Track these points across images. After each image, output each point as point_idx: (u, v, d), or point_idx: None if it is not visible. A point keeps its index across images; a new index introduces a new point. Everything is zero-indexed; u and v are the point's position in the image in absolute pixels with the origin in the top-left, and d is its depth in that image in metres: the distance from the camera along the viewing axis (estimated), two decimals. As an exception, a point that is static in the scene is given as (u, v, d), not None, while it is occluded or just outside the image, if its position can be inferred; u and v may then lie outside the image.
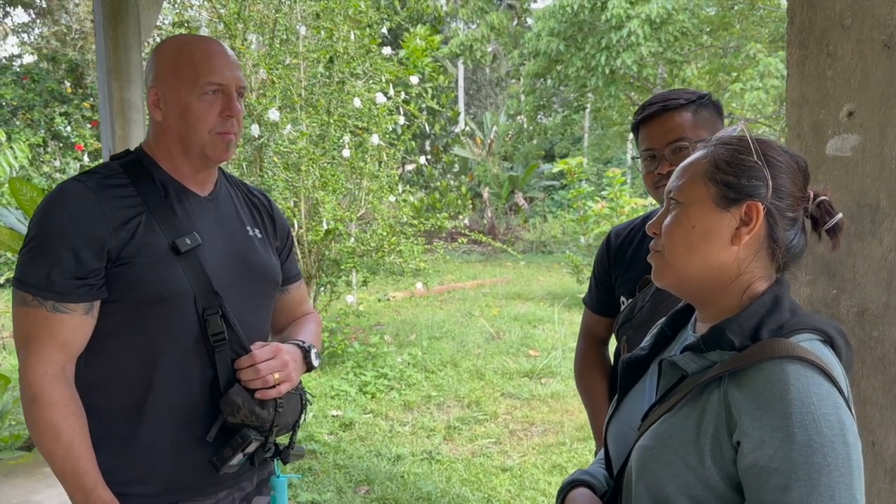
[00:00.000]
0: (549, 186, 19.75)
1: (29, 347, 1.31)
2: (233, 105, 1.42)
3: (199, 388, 1.39)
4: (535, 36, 13.87)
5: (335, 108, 5.60)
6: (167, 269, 1.35)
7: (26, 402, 1.30)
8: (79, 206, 1.32)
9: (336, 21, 5.70)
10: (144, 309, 1.35)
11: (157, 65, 1.42)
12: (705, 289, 1.02)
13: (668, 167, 1.55)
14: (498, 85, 28.53)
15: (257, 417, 1.37)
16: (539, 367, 5.92)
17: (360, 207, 5.76)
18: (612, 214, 8.59)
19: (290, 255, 1.69)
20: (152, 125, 1.46)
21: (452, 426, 4.73)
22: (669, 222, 1.04)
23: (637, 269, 1.65)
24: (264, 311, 1.56)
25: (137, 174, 1.41)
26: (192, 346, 1.38)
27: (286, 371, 1.40)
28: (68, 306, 1.30)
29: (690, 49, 13.51)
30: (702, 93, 1.57)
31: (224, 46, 1.48)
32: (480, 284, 10.46)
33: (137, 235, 1.34)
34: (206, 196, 1.49)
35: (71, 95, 10.85)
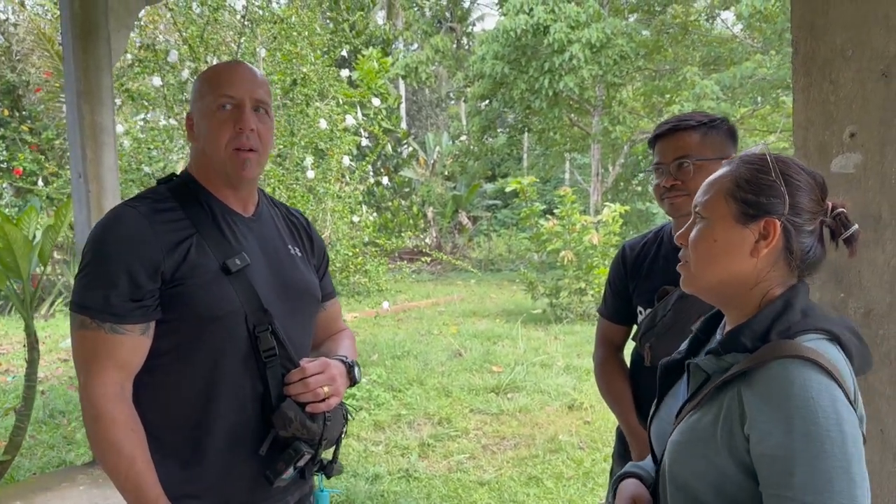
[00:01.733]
0: (491, 205, 20.05)
1: (89, 368, 1.34)
2: (242, 118, 1.43)
3: (252, 403, 1.43)
4: (480, 59, 14.17)
5: (298, 129, 5.63)
6: (219, 288, 1.38)
7: (89, 420, 1.34)
8: (132, 230, 1.36)
9: (296, 43, 5.75)
10: (198, 328, 1.38)
11: (194, 90, 1.49)
12: (727, 295, 1.12)
13: (671, 181, 1.70)
14: (438, 105, 28.84)
15: (308, 430, 1.40)
16: (504, 382, 6.01)
17: (324, 228, 5.78)
18: (564, 232, 8.80)
19: (327, 273, 1.74)
20: (192, 149, 1.52)
21: (426, 443, 4.76)
22: (695, 236, 1.13)
23: (654, 280, 1.77)
24: (307, 328, 1.60)
25: (185, 197, 1.45)
26: (244, 363, 1.41)
27: (335, 385, 1.44)
28: (125, 327, 1.33)
29: (628, 72, 14.03)
30: (716, 117, 1.73)
31: (248, 66, 1.52)
32: (435, 303, 10.52)
33: (189, 257, 1.38)
34: (250, 217, 1.53)
35: (8, 118, 10.47)
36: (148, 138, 5.90)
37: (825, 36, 1.44)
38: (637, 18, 16.02)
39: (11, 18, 11.17)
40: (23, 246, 3.78)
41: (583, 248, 8.67)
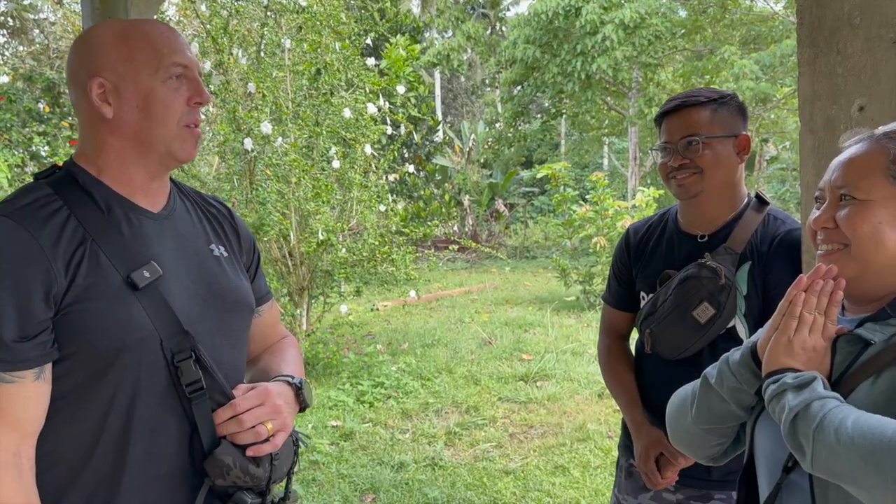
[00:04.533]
0: (528, 192, 19.91)
1: None
2: (202, 91, 1.20)
3: (178, 449, 1.16)
4: (512, 44, 14.02)
5: (323, 119, 5.63)
6: (124, 310, 1.10)
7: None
8: (11, 247, 1.06)
9: (321, 33, 5.74)
10: (101, 363, 1.10)
11: (99, 51, 1.16)
12: (881, 283, 1.05)
13: (679, 160, 1.63)
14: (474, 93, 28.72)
15: (252, 477, 1.15)
16: (533, 370, 5.96)
17: (350, 218, 5.79)
18: (597, 217, 8.68)
19: (259, 271, 1.43)
20: (92, 128, 1.18)
21: (452, 432, 4.75)
22: (851, 217, 1.04)
23: (657, 264, 1.71)
24: (241, 346, 1.31)
25: (73, 195, 1.15)
26: (164, 401, 1.14)
27: (280, 418, 1.18)
28: (15, 375, 1.04)
29: (664, 52, 13.73)
30: (725, 93, 1.65)
31: (174, 28, 1.27)
32: (468, 291, 10.51)
33: (82, 273, 1.09)
34: (160, 212, 1.23)
35: (49, 115, 10.74)
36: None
37: (831, 3, 1.36)
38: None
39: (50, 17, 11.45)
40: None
41: (616, 234, 8.54)
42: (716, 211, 1.67)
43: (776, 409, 1.00)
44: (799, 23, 1.39)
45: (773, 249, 1.59)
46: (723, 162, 1.61)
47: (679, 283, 1.59)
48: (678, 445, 1.28)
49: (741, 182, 1.70)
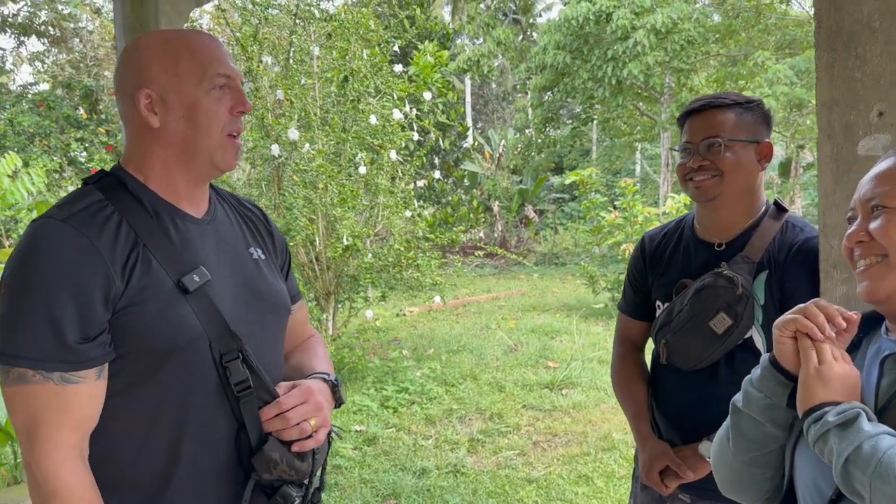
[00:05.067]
0: (558, 199, 19.81)
1: (39, 433, 1.07)
2: (244, 100, 1.23)
3: (226, 446, 1.20)
4: (542, 49, 13.99)
5: (350, 125, 5.67)
6: (175, 312, 1.14)
7: (42, 497, 1.09)
8: (71, 252, 1.09)
9: (349, 40, 5.79)
10: (154, 363, 1.14)
11: (146, 64, 1.18)
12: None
13: (699, 161, 1.59)
14: (504, 99, 28.68)
15: (297, 471, 1.20)
16: (559, 378, 5.91)
17: (376, 223, 5.81)
18: (626, 224, 8.60)
19: (290, 272, 1.48)
20: (139, 137, 1.21)
21: (476, 439, 4.73)
22: (885, 226, 1.01)
23: (673, 272, 1.68)
24: (279, 345, 1.36)
25: (122, 200, 1.18)
26: (214, 399, 1.18)
27: (322, 415, 1.22)
28: (79, 375, 1.08)
29: (697, 58, 13.57)
30: (750, 98, 1.63)
31: (217, 38, 1.30)
32: (495, 297, 10.47)
33: (136, 276, 1.13)
34: (203, 217, 1.27)
35: (87, 121, 11.02)
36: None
37: (850, 6, 1.32)
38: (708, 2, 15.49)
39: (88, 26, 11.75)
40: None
41: (645, 241, 8.44)
42: (733, 218, 1.63)
43: (824, 452, 0.94)
44: (816, 27, 1.36)
45: (790, 258, 1.55)
46: (743, 167, 1.58)
47: (695, 292, 1.56)
48: (728, 492, 1.19)
49: (760, 190, 1.66)
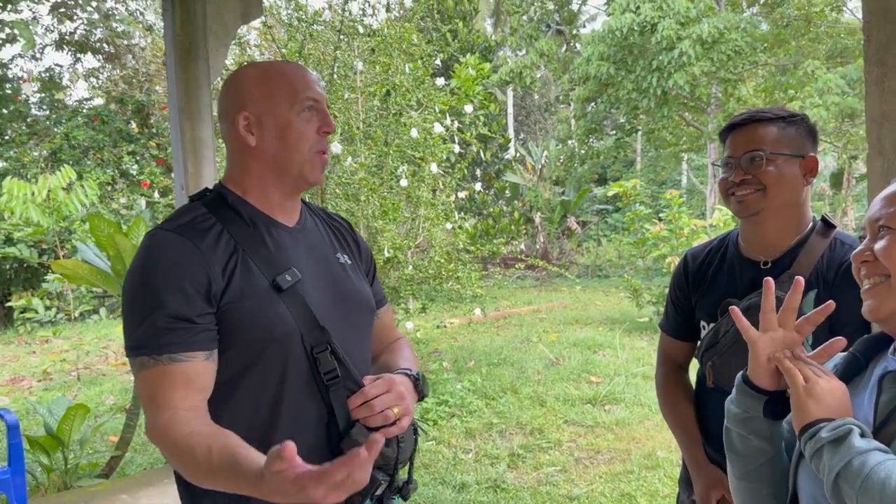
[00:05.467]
0: (601, 210, 19.62)
1: (153, 402, 1.23)
2: (329, 121, 1.38)
3: (316, 430, 1.32)
4: (585, 60, 13.91)
5: (392, 139, 5.71)
6: (271, 309, 1.28)
7: (162, 449, 1.24)
8: (177, 255, 1.26)
9: (392, 55, 5.84)
10: (253, 354, 1.28)
11: (245, 89, 1.35)
12: None
13: (741, 175, 1.56)
14: (547, 110, 28.60)
15: (382, 457, 1.30)
16: (602, 393, 5.83)
17: (417, 235, 5.83)
18: (671, 237, 8.46)
19: (375, 278, 1.62)
20: (238, 155, 1.38)
21: (516, 454, 4.69)
22: (888, 247, 1.02)
23: (717, 292, 1.64)
24: (367, 341, 1.49)
25: (223, 212, 1.34)
26: (305, 387, 1.31)
27: (404, 404, 1.32)
28: (187, 354, 1.23)
29: (744, 67, 13.32)
30: (795, 112, 1.58)
31: (305, 67, 1.48)
32: (536, 310, 10.40)
33: (236, 278, 1.28)
34: (295, 226, 1.42)
35: (138, 135, 11.34)
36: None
37: (902, 20, 1.28)
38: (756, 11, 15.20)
39: (141, 43, 12.11)
40: (132, 254, 4.05)
41: (691, 254, 8.28)
42: (778, 234, 1.59)
43: (819, 468, 0.97)
44: (866, 40, 1.32)
45: (840, 277, 1.49)
46: (787, 181, 1.53)
47: (742, 312, 1.52)
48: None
49: (806, 205, 1.61)
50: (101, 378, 6.99)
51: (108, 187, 10.59)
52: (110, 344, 8.53)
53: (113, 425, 5.05)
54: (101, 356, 7.94)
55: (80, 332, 9.13)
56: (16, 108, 11.14)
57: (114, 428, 5.01)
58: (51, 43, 12.12)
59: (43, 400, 5.91)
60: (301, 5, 5.92)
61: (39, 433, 4.13)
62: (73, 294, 8.87)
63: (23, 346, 8.85)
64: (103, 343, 8.58)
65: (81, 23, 11.89)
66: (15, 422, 3.14)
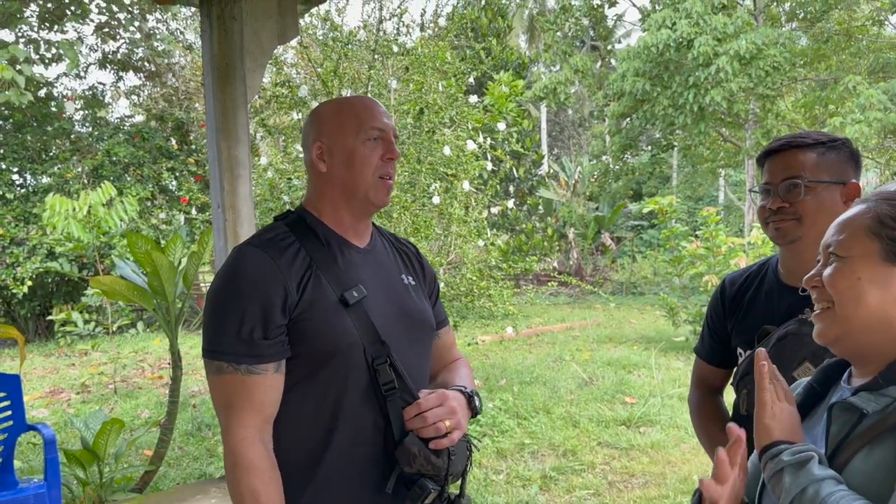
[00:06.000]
0: (637, 226, 19.41)
1: (229, 414, 1.35)
2: (394, 149, 1.48)
3: (373, 437, 1.41)
4: (620, 77, 13.84)
5: (425, 156, 5.73)
6: (338, 321, 1.38)
7: (228, 466, 1.34)
8: (259, 269, 1.37)
9: (425, 73, 5.87)
10: (319, 362, 1.38)
11: (319, 122, 1.49)
12: (870, 342, 1.04)
13: (778, 203, 1.52)
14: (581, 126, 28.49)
15: (433, 466, 1.37)
16: (637, 414, 5.73)
17: (449, 252, 5.82)
18: (708, 255, 8.31)
19: (438, 300, 1.70)
20: (314, 181, 1.51)
21: (548, 476, 4.62)
22: (832, 274, 1.06)
23: (754, 318, 1.59)
24: (425, 358, 1.57)
25: (303, 232, 1.46)
26: (365, 397, 1.40)
27: (455, 418, 1.39)
28: (261, 367, 1.34)
29: (783, 83, 13.10)
30: (836, 137, 1.53)
31: (376, 100, 1.56)
32: (570, 327, 10.29)
33: (308, 291, 1.38)
34: (365, 247, 1.52)
35: (177, 152, 11.56)
36: (291, 169, 6.25)
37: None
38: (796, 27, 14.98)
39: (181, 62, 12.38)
40: (168, 271, 4.11)
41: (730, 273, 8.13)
42: None
43: (776, 489, 1.02)
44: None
45: None
46: (826, 209, 1.48)
47: (778, 340, 1.47)
48: None
49: None
50: (138, 391, 7.09)
51: (147, 203, 10.80)
52: (147, 357, 8.66)
53: (147, 439, 5.11)
54: (137, 369, 8.06)
55: (119, 345, 9.29)
56: (60, 125, 11.44)
57: (148, 442, 5.07)
58: (94, 62, 12.47)
59: (81, 412, 6.01)
60: (336, 25, 6.00)
61: (76, 446, 4.19)
62: (112, 308, 9.04)
63: (63, 358, 9.03)
64: (140, 357, 8.72)
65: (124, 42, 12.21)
66: (52, 437, 3.19)
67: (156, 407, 6.37)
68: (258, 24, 4.19)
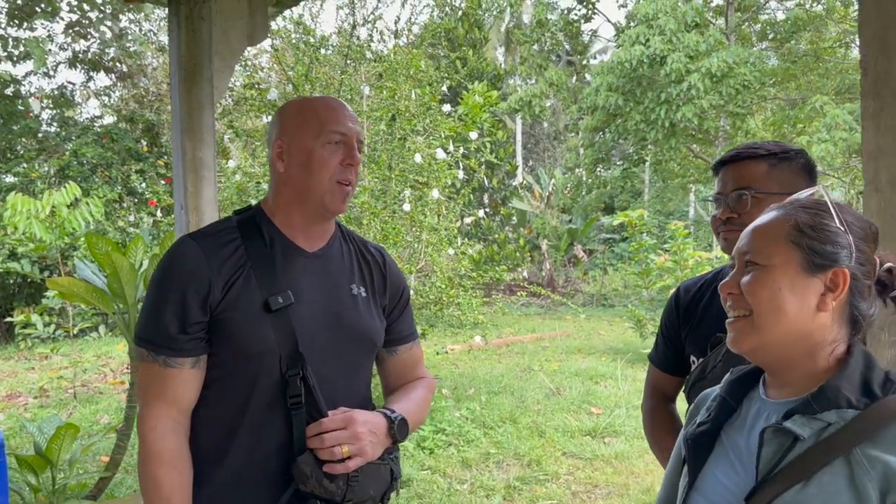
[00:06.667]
0: (609, 239, 19.56)
1: (145, 402, 1.36)
2: (354, 155, 1.44)
3: (276, 450, 1.36)
4: (594, 91, 13.97)
5: (396, 163, 5.71)
6: (257, 326, 1.35)
7: (139, 453, 1.34)
8: (187, 262, 1.37)
9: (398, 81, 5.86)
10: (234, 364, 1.37)
11: (282, 121, 1.46)
12: (788, 354, 1.02)
13: (728, 213, 1.53)
14: (556, 138, 28.69)
15: (326, 490, 1.31)
16: (602, 425, 5.74)
17: (419, 260, 5.80)
18: (676, 268, 8.40)
19: (403, 315, 1.62)
20: (273, 180, 1.49)
21: (512, 486, 4.60)
22: (751, 283, 1.02)
23: (708, 326, 1.59)
24: (360, 374, 1.51)
25: (248, 230, 1.44)
26: (270, 407, 1.36)
27: (358, 445, 1.32)
28: (177, 360, 1.34)
29: (753, 101, 13.33)
30: (790, 148, 1.53)
31: (344, 103, 1.51)
32: (540, 338, 10.31)
33: (234, 290, 1.36)
34: (314, 252, 1.48)
35: (147, 154, 11.39)
36: (260, 172, 6.18)
37: (899, 53, 1.26)
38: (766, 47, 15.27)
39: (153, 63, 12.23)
40: (129, 273, 4.03)
41: (696, 286, 8.21)
42: None
43: None
44: (863, 73, 1.29)
45: None
46: None
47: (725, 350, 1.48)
48: None
49: None
50: (98, 396, 6.94)
51: (115, 205, 10.62)
52: (109, 362, 8.49)
53: (105, 445, 4.99)
54: (99, 374, 7.89)
55: (81, 349, 9.09)
56: (26, 123, 11.22)
57: (105, 448, 4.95)
58: (64, 61, 12.26)
59: (38, 417, 5.87)
60: (309, 29, 5.97)
61: (30, 451, 4.08)
62: (74, 311, 8.85)
63: (22, 361, 8.81)
64: (102, 361, 8.54)
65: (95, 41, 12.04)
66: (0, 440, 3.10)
67: (116, 412, 6.23)
68: (227, 24, 4.14)
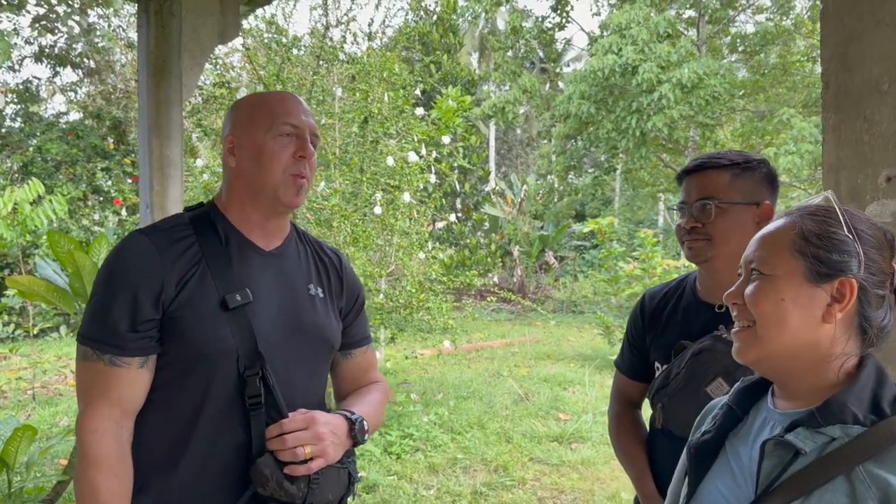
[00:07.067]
0: (580, 246, 19.70)
1: (86, 402, 1.29)
2: (306, 147, 1.40)
3: (234, 452, 1.32)
4: (567, 98, 14.07)
5: (368, 166, 5.68)
6: (213, 324, 1.31)
7: (77, 456, 1.29)
8: (138, 258, 1.31)
9: (371, 83, 5.84)
10: (188, 364, 1.31)
11: (235, 115, 1.44)
12: (793, 366, 0.99)
13: (692, 222, 1.55)
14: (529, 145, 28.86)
15: (286, 493, 1.27)
16: (569, 431, 5.76)
17: (389, 263, 5.77)
18: (644, 275, 8.49)
19: (358, 318, 1.60)
20: (225, 174, 1.45)
21: (479, 492, 4.59)
22: (754, 293, 1.00)
23: (672, 333, 1.61)
24: (318, 375, 1.48)
25: (202, 226, 1.40)
26: (228, 408, 1.32)
27: (320, 445, 1.29)
28: (124, 360, 1.28)
29: (722, 112, 13.54)
30: (752, 157, 1.55)
31: (298, 97, 1.48)
32: (509, 343, 10.34)
33: (189, 288, 1.31)
34: (271, 251, 1.45)
35: (113, 151, 11.20)
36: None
37: (859, 68, 1.27)
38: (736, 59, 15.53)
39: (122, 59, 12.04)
40: (91, 272, 3.95)
41: (663, 294, 8.31)
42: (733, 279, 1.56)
43: None
44: (824, 87, 1.31)
45: None
46: (736, 230, 1.49)
47: (693, 355, 1.49)
48: None
49: None
50: (58, 398, 6.79)
51: (79, 203, 10.42)
52: (69, 363, 8.31)
53: (64, 448, 4.87)
54: (59, 375, 7.72)
55: (41, 349, 8.90)
56: (-11, 118, 10.98)
57: (64, 451, 4.84)
58: (30, 55, 12.02)
59: (-6, 419, 5.71)
60: (282, 29, 5.92)
61: (-16, 454, 3.96)
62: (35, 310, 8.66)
63: (-20, 361, 8.59)
64: (63, 362, 8.36)
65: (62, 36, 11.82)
66: (-48, 442, 3.01)
67: (75, 414, 6.09)
68: (198, 21, 4.09)
